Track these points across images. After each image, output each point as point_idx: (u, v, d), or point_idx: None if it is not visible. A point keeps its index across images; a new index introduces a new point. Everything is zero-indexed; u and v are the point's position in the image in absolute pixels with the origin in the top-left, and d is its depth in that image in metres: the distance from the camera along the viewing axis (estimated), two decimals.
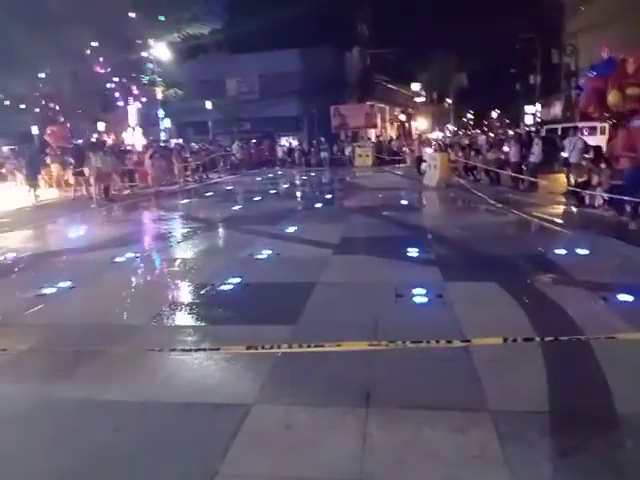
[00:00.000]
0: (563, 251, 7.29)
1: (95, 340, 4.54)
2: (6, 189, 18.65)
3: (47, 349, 4.46)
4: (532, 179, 14.10)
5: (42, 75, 26.49)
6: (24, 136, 29.18)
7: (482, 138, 23.27)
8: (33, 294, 6.15)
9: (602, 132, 18.18)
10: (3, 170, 23.40)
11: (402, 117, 53.37)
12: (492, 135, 32.22)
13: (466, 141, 26.52)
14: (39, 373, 4.03)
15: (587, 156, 11.98)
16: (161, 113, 25.78)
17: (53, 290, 6.34)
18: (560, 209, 11.32)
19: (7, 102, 32.86)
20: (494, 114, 78.58)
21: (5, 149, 26.41)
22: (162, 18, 24.76)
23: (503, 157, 16.61)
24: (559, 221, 9.84)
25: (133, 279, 7.00)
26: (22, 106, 31.84)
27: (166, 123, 29.42)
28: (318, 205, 14.05)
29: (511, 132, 25.70)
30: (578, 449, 2.83)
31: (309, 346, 2.65)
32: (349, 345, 3.25)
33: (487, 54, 43.56)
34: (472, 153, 18.76)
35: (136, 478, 2.79)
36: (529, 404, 3.27)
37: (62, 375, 3.95)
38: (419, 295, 5.49)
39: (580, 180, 11.41)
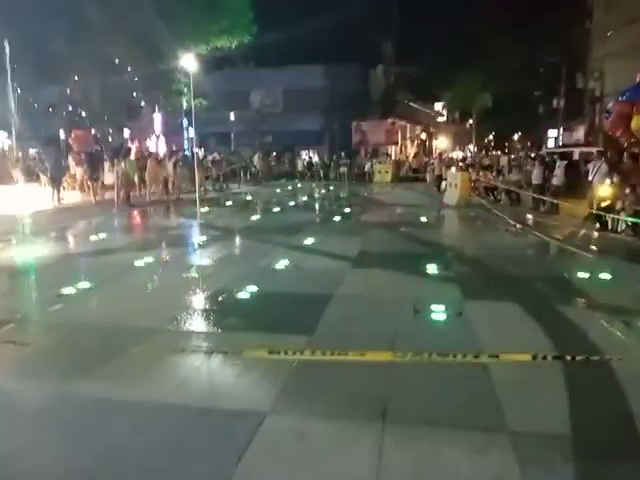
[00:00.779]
0: (584, 274, 7.16)
1: (114, 341, 4.56)
2: (31, 191, 18.95)
3: (67, 348, 4.49)
4: (554, 201, 13.94)
5: (72, 81, 27.08)
6: (51, 140, 29.76)
7: (504, 159, 23.10)
8: (54, 294, 6.22)
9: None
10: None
11: (423, 135, 53.39)
12: (513, 157, 32.01)
13: (487, 161, 26.40)
14: (58, 371, 4.06)
15: (611, 180, 11.82)
16: (185, 123, 26.10)
17: (73, 291, 6.40)
18: (582, 232, 11.16)
19: (36, 105, 33.66)
20: (516, 136, 78.22)
21: (32, 151, 26.93)
22: (191, 30, 25.18)
23: (524, 178, 16.48)
24: (581, 244, 9.70)
25: (152, 283, 7.04)
26: (50, 110, 32.60)
27: (189, 132, 29.78)
28: (336, 218, 14.04)
29: (532, 154, 25.53)
30: (603, 477, 2.75)
31: (332, 353, 2.62)
32: (373, 355, 3.19)
33: (512, 76, 43.44)
34: (493, 173, 18.65)
35: None
36: (551, 427, 3.19)
37: (81, 374, 3.96)
38: (438, 312, 5.43)
39: (603, 204, 11.25)
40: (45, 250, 9.23)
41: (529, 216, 13.50)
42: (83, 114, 27.78)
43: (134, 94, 27.33)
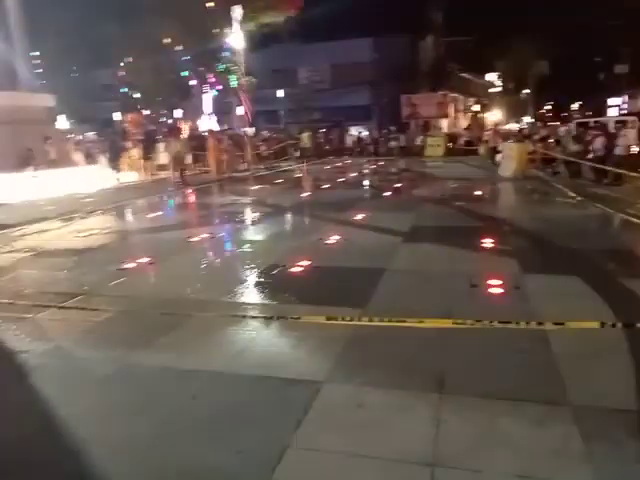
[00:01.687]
0: None
1: (173, 312, 4.71)
2: (91, 172, 19.71)
3: (130, 319, 4.69)
4: (617, 171, 13.24)
5: (124, 64, 27.75)
6: (107, 122, 30.76)
7: (563, 129, 22.09)
8: (116, 268, 6.49)
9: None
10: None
11: (476, 107, 51.72)
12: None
13: (544, 132, 25.33)
14: (121, 341, 4.25)
15: None
16: (235, 101, 26.34)
17: (134, 265, 6.66)
18: None
19: (92, 90, 34.77)
20: (575, 105, 74.53)
21: (90, 134, 27.94)
22: (239, 7, 25.19)
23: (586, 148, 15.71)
24: None
25: (207, 258, 7.22)
26: (106, 94, 33.61)
27: (239, 111, 30.03)
28: (387, 194, 13.89)
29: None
30: None
31: (390, 320, 2.60)
32: (432, 322, 3.16)
33: (570, 42, 41.24)
34: (552, 144, 17.88)
35: (211, 444, 2.86)
36: (617, 400, 3.08)
37: (143, 343, 4.13)
38: (495, 286, 5.30)
39: None
40: (106, 227, 9.62)
41: (590, 188, 12.90)
42: (136, 96, 28.47)
43: (184, 74, 27.74)
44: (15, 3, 18.74)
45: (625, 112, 36.17)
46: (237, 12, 20.82)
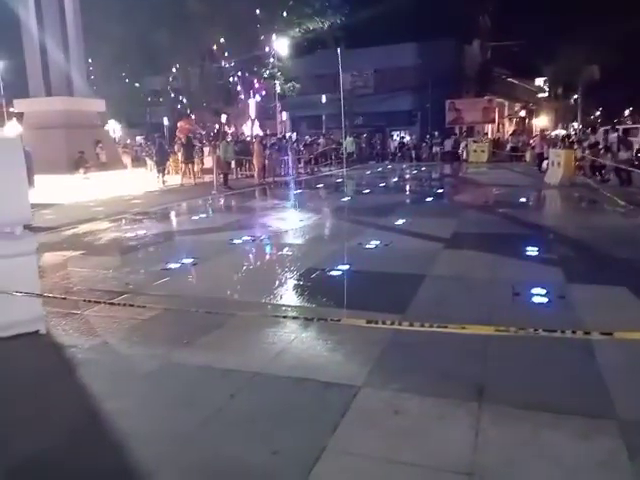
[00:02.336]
0: None
1: (214, 312, 4.80)
2: (138, 174, 20.34)
3: (172, 317, 4.81)
4: None
5: (173, 70, 28.51)
6: (156, 127, 31.63)
7: (613, 135, 21.33)
8: (160, 268, 6.68)
9: None
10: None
11: (522, 113, 50.56)
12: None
13: (593, 139, 24.54)
14: (165, 339, 4.36)
15: None
16: (278, 106, 26.67)
17: (177, 265, 6.83)
18: None
19: (142, 95, 35.82)
20: (627, 112, 71.85)
21: (138, 138, 28.82)
22: (285, 14, 25.53)
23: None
24: None
25: (248, 260, 7.34)
26: (155, 99, 34.55)
27: (282, 116, 30.37)
28: (429, 199, 13.77)
29: None
30: None
31: (431, 326, 2.57)
32: (474, 328, 3.12)
33: (623, 45, 39.79)
34: (601, 151, 17.29)
35: (249, 443, 2.90)
36: None
37: (185, 342, 4.23)
38: (538, 295, 5.17)
39: None
40: (151, 228, 9.90)
41: None
42: (184, 101, 29.19)
43: (230, 80, 28.28)
44: (72, 10, 19.54)
45: None
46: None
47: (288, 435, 2.96)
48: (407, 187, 18.02)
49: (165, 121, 30.94)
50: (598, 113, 71.50)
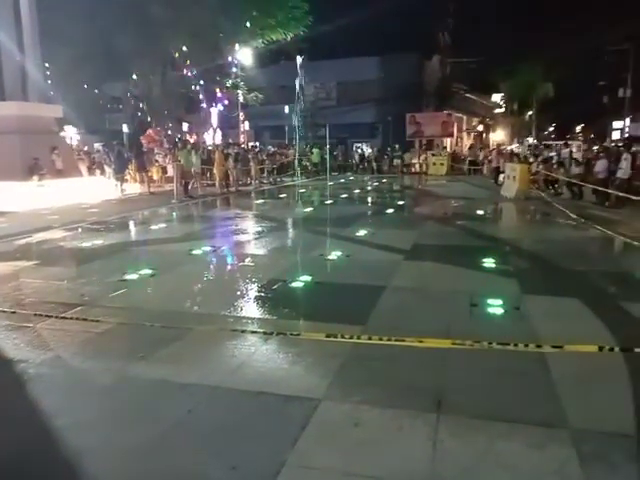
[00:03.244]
0: None
1: (173, 325, 4.71)
2: (96, 182, 19.84)
3: (129, 330, 4.70)
4: (619, 194, 13.26)
5: (134, 77, 28.05)
6: (115, 134, 30.97)
7: (566, 151, 22.18)
8: (117, 279, 6.51)
9: None
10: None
11: (480, 127, 51.96)
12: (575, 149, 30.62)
13: (546, 153, 25.45)
14: (120, 352, 4.25)
15: None
16: (241, 116, 26.56)
17: (135, 276, 6.68)
18: None
19: (101, 101, 35.09)
20: (578, 128, 74.83)
21: (97, 145, 28.17)
22: (248, 24, 25.53)
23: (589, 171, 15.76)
24: None
25: (208, 271, 7.24)
26: (115, 106, 33.92)
27: (245, 126, 30.27)
28: (389, 211, 13.95)
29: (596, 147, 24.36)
30: None
31: (390, 339, 2.60)
32: (431, 342, 3.16)
33: (575, 65, 41.63)
34: (554, 166, 17.96)
35: (207, 458, 2.86)
36: (615, 424, 3.07)
37: (141, 356, 4.13)
38: (495, 306, 5.30)
39: None
40: (108, 238, 9.66)
41: (592, 210, 12.93)
42: (145, 108, 28.72)
43: (192, 88, 28.02)
44: (29, 11, 19.00)
45: (627, 135, 36.32)
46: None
47: (247, 450, 2.92)
48: (368, 198, 18.20)
49: (125, 128, 30.34)
50: (552, 128, 74.26)
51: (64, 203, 15.04)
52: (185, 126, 28.84)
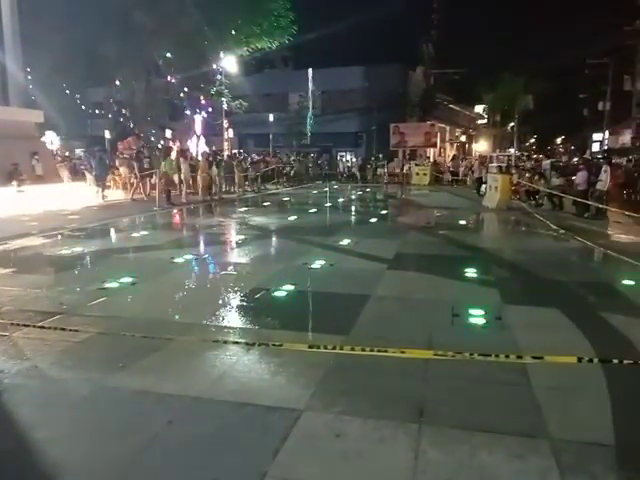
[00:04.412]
0: (629, 281, 6.91)
1: (153, 335, 4.65)
2: (77, 188, 19.59)
3: (108, 340, 4.62)
4: (599, 205, 13.50)
5: (117, 83, 27.86)
6: (97, 139, 30.70)
7: (547, 162, 22.52)
8: (96, 287, 6.42)
9: None
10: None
11: (463, 138, 52.62)
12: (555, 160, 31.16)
13: (529, 165, 25.84)
14: (99, 362, 4.18)
15: None
16: (225, 124, 26.52)
17: (115, 285, 6.59)
18: (627, 238, 10.77)
19: (83, 107, 34.79)
20: (559, 140, 76.14)
21: (78, 151, 27.87)
22: (233, 32, 25.54)
23: (568, 183, 16.04)
24: (625, 250, 9.34)
25: (191, 280, 7.17)
26: (97, 111, 33.64)
27: (229, 133, 30.20)
28: (373, 220, 14.01)
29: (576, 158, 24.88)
30: None
31: (372, 350, 2.60)
32: (413, 353, 3.16)
33: (556, 77, 42.45)
34: (535, 177, 18.22)
35: (187, 470, 2.81)
36: (594, 434, 3.09)
37: (120, 366, 4.07)
38: (477, 316, 5.34)
39: None
40: (88, 245, 9.53)
41: (572, 221, 13.13)
42: (127, 114, 28.53)
43: (176, 95, 27.92)
44: (10, 15, 18.80)
45: (606, 148, 37.04)
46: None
47: (228, 462, 2.89)
48: (352, 207, 18.26)
49: (107, 134, 30.08)
50: (533, 140, 75.45)
51: (44, 209, 14.82)
52: (168, 133, 28.68)
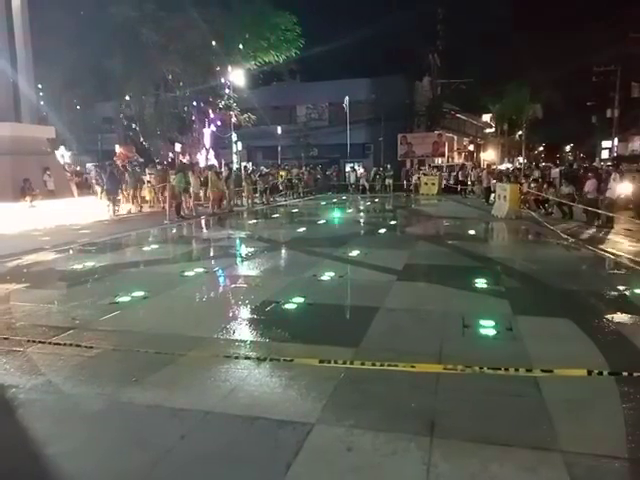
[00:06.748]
0: None
1: (165, 349, 4.69)
2: (88, 203, 19.81)
3: (121, 354, 4.67)
4: (609, 214, 13.44)
5: (127, 98, 28.22)
6: (107, 154, 31.06)
7: (556, 171, 22.48)
8: (109, 302, 6.48)
9: None
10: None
11: (470, 147, 52.59)
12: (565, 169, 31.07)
13: (537, 174, 25.79)
14: (112, 377, 4.22)
15: None
16: (234, 137, 26.73)
17: (127, 299, 6.66)
18: (639, 247, 10.69)
19: (93, 122, 35.22)
20: (567, 147, 75.88)
21: (89, 165, 28.18)
22: (241, 46, 25.84)
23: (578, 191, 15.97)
24: (636, 259, 9.28)
25: (201, 293, 7.22)
26: (107, 126, 34.05)
27: (238, 146, 30.41)
28: (382, 231, 14.02)
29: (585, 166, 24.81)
30: None
31: (382, 365, 2.62)
32: (424, 367, 3.17)
33: (563, 86, 42.44)
34: (545, 186, 18.17)
35: None
36: (606, 447, 3.08)
37: (133, 380, 4.11)
38: (487, 327, 5.33)
39: None
40: (100, 260, 9.62)
41: (582, 230, 13.07)
42: (137, 129, 28.85)
43: (185, 109, 28.22)
44: (22, 34, 19.15)
45: (616, 154, 36.88)
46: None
47: (240, 476, 2.91)
48: (361, 219, 18.29)
49: (117, 148, 30.43)
50: (541, 148, 75.23)
51: (56, 224, 15.00)
52: (178, 146, 28.95)
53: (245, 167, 28.13)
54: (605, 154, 42.02)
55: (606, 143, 42.68)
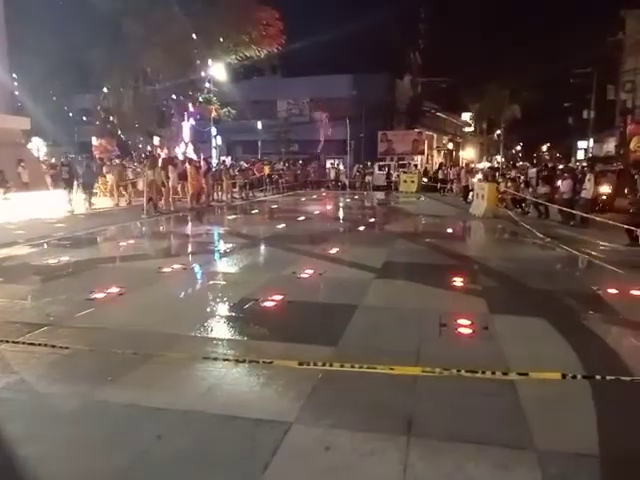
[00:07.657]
0: (614, 290, 7.01)
1: (142, 346, 4.63)
2: (63, 196, 19.45)
3: (96, 352, 4.60)
4: (584, 214, 13.69)
5: (105, 89, 27.76)
6: (85, 146, 30.53)
7: (533, 171, 22.79)
8: (84, 298, 6.38)
9: None
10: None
11: (450, 146, 53.06)
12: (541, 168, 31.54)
13: (513, 173, 26.15)
14: (87, 375, 4.15)
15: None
16: (213, 131, 26.51)
17: (103, 295, 6.56)
18: (612, 247, 10.92)
19: (70, 114, 34.57)
20: (544, 147, 77.06)
21: (63, 158, 27.65)
22: (222, 40, 25.61)
23: (554, 191, 16.24)
24: (610, 259, 9.48)
25: (178, 289, 7.15)
26: (84, 118, 33.43)
27: (217, 141, 30.19)
28: (361, 228, 14.07)
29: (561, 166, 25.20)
30: None
31: (361, 367, 2.63)
32: (402, 369, 3.19)
33: (541, 87, 43.07)
34: (522, 185, 18.43)
35: None
36: (579, 446, 3.14)
37: (109, 379, 4.05)
38: (464, 326, 5.39)
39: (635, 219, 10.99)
40: (76, 254, 9.46)
41: (558, 229, 13.29)
42: (115, 121, 28.43)
43: (164, 102, 27.89)
44: None
45: (591, 155, 37.57)
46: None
47: (218, 476, 2.90)
48: (340, 215, 18.33)
49: (94, 141, 29.92)
50: (519, 148, 76.26)
51: (30, 217, 14.70)
52: (156, 140, 28.61)
53: (224, 161, 27.93)
54: (581, 155, 42.77)
55: (582, 144, 43.44)
